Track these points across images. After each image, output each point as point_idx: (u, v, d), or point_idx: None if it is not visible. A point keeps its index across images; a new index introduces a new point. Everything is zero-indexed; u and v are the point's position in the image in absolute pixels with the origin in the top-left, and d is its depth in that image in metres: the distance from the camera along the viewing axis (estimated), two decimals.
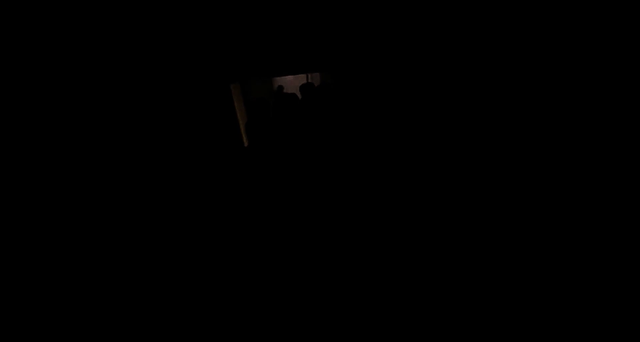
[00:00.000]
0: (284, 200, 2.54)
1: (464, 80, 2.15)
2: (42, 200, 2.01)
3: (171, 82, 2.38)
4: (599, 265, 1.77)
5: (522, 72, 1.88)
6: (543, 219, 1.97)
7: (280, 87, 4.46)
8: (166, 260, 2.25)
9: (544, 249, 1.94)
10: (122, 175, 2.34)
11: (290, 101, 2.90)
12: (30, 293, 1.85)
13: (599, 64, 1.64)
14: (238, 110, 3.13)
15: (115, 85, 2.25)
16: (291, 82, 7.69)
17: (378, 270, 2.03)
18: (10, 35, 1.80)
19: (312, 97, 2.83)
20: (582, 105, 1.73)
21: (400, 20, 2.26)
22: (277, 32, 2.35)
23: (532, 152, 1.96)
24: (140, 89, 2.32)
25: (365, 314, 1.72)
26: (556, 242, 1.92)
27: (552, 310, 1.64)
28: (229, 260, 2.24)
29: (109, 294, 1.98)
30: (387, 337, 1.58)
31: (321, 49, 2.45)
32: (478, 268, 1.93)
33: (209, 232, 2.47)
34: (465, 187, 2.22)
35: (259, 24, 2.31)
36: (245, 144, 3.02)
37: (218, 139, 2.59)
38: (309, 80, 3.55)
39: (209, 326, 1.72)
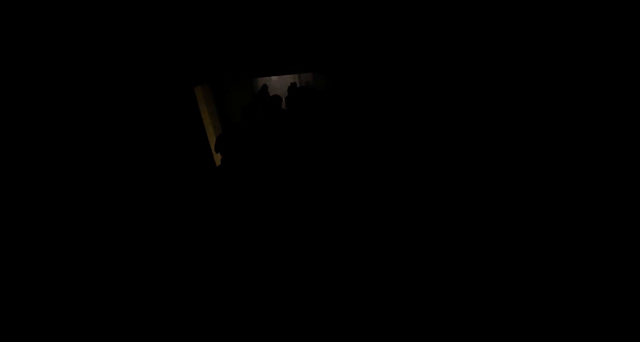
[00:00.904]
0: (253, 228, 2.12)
1: (469, 83, 1.90)
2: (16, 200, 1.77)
3: (114, 81, 1.76)
4: (599, 265, 1.78)
5: (517, 73, 1.81)
6: (543, 219, 1.95)
7: (265, 87, 3.85)
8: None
9: (544, 249, 1.94)
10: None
11: (276, 111, 2.34)
12: (29, 293, 1.85)
13: (599, 64, 1.60)
14: (210, 120, 2.51)
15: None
16: (277, 81, 7.05)
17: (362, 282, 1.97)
18: None
19: (299, 107, 2.27)
20: (581, 105, 1.71)
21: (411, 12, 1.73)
22: (256, 17, 1.76)
23: (532, 152, 1.91)
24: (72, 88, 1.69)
25: (357, 314, 1.74)
26: (556, 242, 1.92)
27: (552, 310, 1.68)
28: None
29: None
30: (386, 337, 1.60)
31: (315, 42, 1.88)
32: (477, 268, 1.96)
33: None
34: (460, 197, 2.11)
35: (232, 7, 1.71)
36: (217, 164, 2.43)
37: (177, 156, 1.99)
38: (295, 82, 2.98)
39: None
